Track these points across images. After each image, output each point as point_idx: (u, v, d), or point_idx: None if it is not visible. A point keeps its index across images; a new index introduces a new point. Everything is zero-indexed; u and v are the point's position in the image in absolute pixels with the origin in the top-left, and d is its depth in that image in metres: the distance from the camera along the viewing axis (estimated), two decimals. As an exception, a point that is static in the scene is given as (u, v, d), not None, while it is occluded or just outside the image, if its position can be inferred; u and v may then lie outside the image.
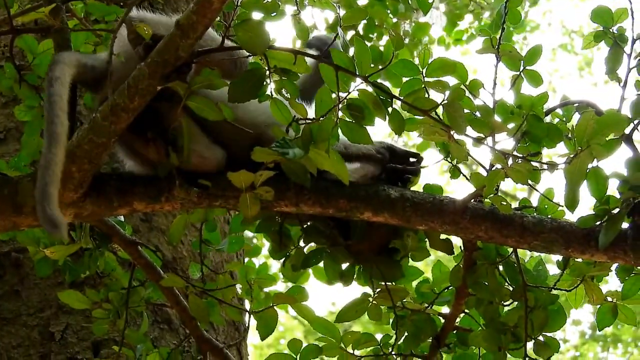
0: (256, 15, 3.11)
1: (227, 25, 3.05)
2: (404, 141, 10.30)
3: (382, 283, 3.45)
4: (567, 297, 3.43)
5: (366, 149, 3.39)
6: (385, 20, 6.62)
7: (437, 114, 3.05)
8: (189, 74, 3.00)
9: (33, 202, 2.87)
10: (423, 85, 3.15)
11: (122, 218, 3.69)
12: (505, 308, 3.41)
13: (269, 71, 3.02)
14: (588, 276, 3.36)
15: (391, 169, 3.39)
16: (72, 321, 4.44)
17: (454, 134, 3.05)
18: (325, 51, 3.04)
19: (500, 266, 3.38)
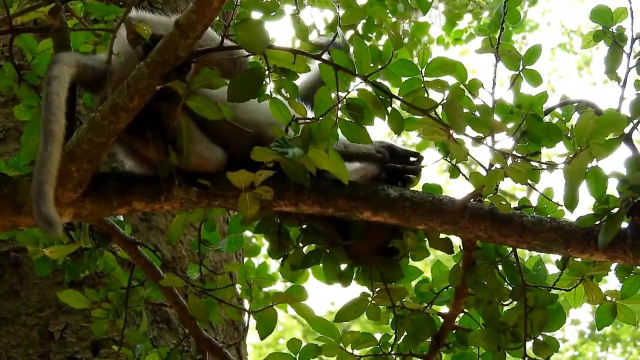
0: (255, 14, 3.12)
1: (227, 24, 3.05)
2: (403, 140, 10.30)
3: (381, 283, 3.45)
4: (567, 297, 3.43)
5: (366, 149, 3.39)
6: (384, 19, 6.62)
7: (437, 114, 3.05)
8: (189, 74, 3.00)
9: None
10: (422, 84, 3.15)
11: (122, 218, 3.68)
12: (504, 308, 3.41)
13: (269, 71, 3.02)
14: (587, 276, 3.36)
15: (391, 169, 3.39)
16: (72, 321, 4.43)
17: (453, 134, 3.04)
18: (324, 51, 3.03)
19: (499, 266, 3.38)
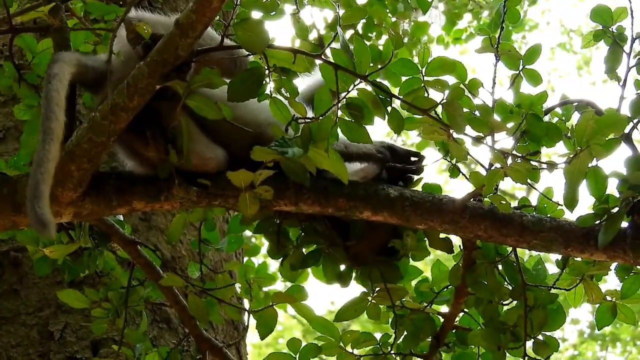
0: (255, 14, 3.11)
1: (227, 24, 3.05)
2: (403, 140, 10.30)
3: (381, 283, 3.45)
4: (566, 296, 3.42)
5: (366, 149, 3.39)
6: (384, 19, 6.62)
7: (437, 113, 3.05)
8: (189, 73, 3.00)
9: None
10: (422, 84, 3.15)
11: (121, 217, 3.68)
12: (504, 307, 3.41)
13: (269, 70, 3.02)
14: (587, 275, 3.36)
15: (391, 168, 3.39)
16: (71, 320, 4.43)
17: (453, 133, 3.04)
18: (324, 50, 3.03)
19: (499, 265, 3.38)
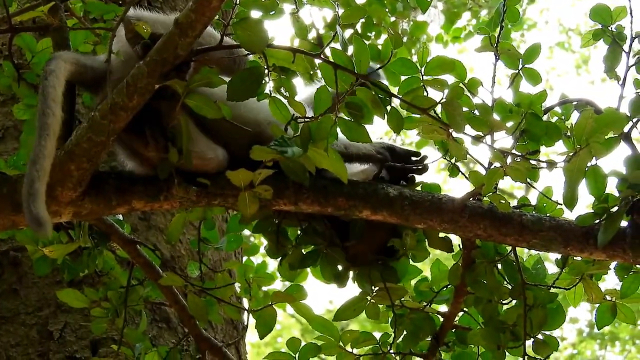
0: (255, 13, 3.11)
1: (226, 23, 3.05)
2: (402, 139, 10.30)
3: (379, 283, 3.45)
4: (566, 296, 3.42)
5: (366, 149, 3.38)
6: (383, 18, 6.62)
7: (436, 112, 3.05)
8: (188, 73, 3.00)
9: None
10: (422, 83, 3.15)
11: (121, 217, 3.68)
12: (504, 306, 3.41)
13: (268, 69, 3.02)
14: (587, 274, 3.36)
15: (392, 168, 3.39)
16: (71, 320, 4.43)
17: (453, 132, 3.04)
18: (323, 49, 3.03)
19: (499, 264, 3.38)
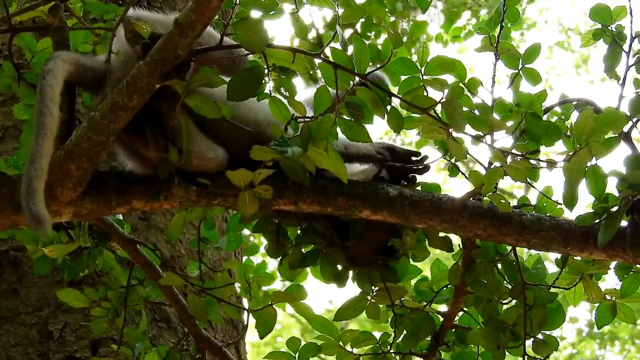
0: (255, 13, 3.11)
1: (226, 23, 3.05)
2: (402, 139, 10.30)
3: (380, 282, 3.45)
4: (566, 295, 3.42)
5: (366, 150, 3.38)
6: (383, 18, 6.62)
7: (436, 112, 3.05)
8: (188, 73, 3.00)
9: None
10: (422, 83, 3.15)
11: (121, 216, 3.68)
12: (504, 306, 3.41)
13: (268, 69, 3.02)
14: (587, 274, 3.36)
15: (392, 168, 3.39)
16: (71, 320, 4.43)
17: (453, 132, 3.04)
18: (323, 49, 3.03)
19: (499, 264, 3.38)
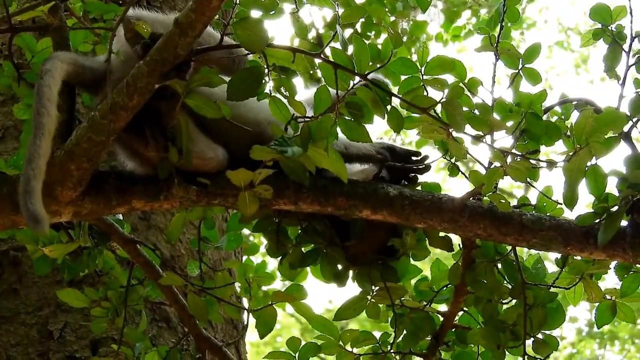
0: (255, 13, 3.11)
1: (226, 23, 3.05)
2: (402, 139, 10.30)
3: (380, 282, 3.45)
4: (566, 295, 3.42)
5: (366, 150, 3.38)
6: (383, 18, 6.62)
7: (436, 112, 3.05)
8: (188, 72, 3.00)
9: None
10: (422, 83, 3.15)
11: (121, 216, 3.68)
12: (504, 306, 3.41)
13: (268, 69, 3.02)
14: (587, 274, 3.36)
15: (392, 168, 3.39)
16: (71, 319, 4.43)
17: (453, 132, 3.04)
18: (323, 49, 3.03)
19: (499, 264, 3.38)
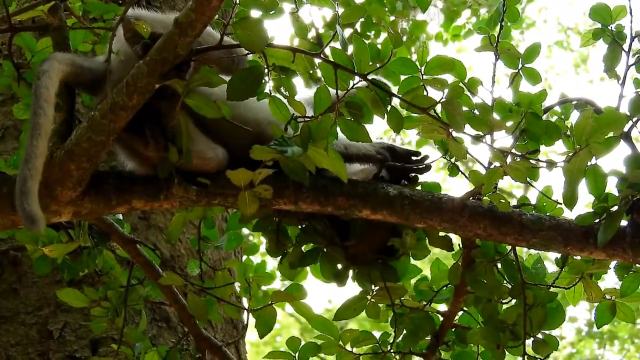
0: (255, 13, 3.11)
1: (226, 23, 3.05)
2: (401, 139, 10.31)
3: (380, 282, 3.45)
4: (566, 295, 3.42)
5: (366, 150, 3.38)
6: (383, 18, 6.62)
7: (436, 112, 3.05)
8: (188, 72, 2.99)
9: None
10: (421, 83, 3.15)
11: (121, 216, 3.68)
12: (503, 306, 3.41)
13: (268, 69, 3.02)
14: (587, 274, 3.36)
15: (392, 168, 3.39)
16: (71, 319, 4.43)
17: (453, 132, 3.04)
18: (323, 49, 3.03)
19: (498, 264, 3.38)
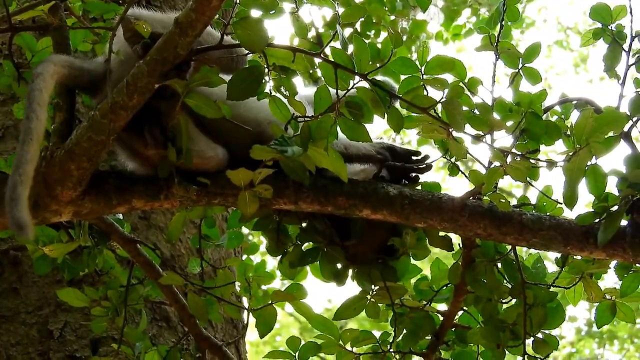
0: (255, 13, 3.11)
1: (226, 22, 3.05)
2: (401, 138, 10.31)
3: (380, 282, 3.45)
4: (566, 294, 3.43)
5: (366, 150, 3.38)
6: (383, 17, 6.62)
7: (436, 112, 3.05)
8: (188, 72, 3.00)
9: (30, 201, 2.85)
10: (422, 82, 3.15)
11: (121, 216, 3.68)
12: (503, 305, 3.42)
13: (268, 69, 3.02)
14: (587, 273, 3.36)
15: (392, 168, 3.39)
16: (71, 319, 4.43)
17: (453, 132, 3.04)
18: (323, 48, 3.03)
19: (498, 263, 3.38)
